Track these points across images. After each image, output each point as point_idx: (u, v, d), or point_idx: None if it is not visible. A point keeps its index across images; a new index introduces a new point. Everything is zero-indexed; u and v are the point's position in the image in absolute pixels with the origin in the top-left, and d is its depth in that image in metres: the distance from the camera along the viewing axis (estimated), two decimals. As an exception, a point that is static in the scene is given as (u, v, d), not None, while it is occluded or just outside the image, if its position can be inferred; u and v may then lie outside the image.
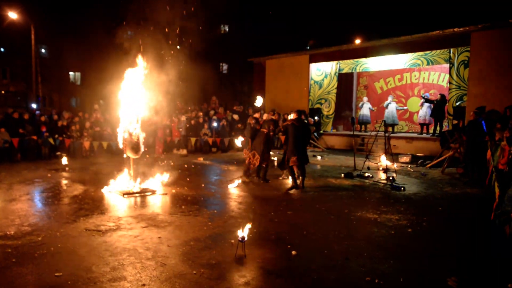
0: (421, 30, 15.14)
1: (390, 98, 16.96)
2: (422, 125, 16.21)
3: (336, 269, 4.50)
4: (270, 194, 8.45)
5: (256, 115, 10.65)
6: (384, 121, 11.30)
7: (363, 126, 18.24)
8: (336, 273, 4.38)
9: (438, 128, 15.01)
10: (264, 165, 9.61)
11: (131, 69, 8.52)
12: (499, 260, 4.89)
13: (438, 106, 14.64)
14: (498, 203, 5.96)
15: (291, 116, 9.41)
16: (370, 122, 18.24)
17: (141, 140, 8.59)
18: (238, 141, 10.84)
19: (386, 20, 29.05)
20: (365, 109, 17.90)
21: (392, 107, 16.72)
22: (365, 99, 18.30)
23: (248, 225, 5.04)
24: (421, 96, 16.03)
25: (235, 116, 17.03)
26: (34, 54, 25.64)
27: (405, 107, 18.12)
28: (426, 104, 15.78)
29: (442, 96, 14.68)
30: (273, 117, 9.94)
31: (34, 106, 26.14)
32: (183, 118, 16.26)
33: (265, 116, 10.75)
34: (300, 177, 9.03)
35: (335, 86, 18.95)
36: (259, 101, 12.44)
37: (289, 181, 9.62)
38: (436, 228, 6.13)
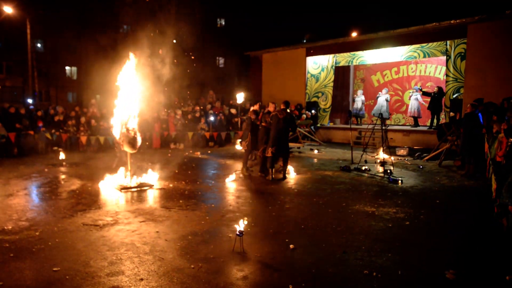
0: (418, 22, 15.09)
1: (383, 91, 16.93)
2: (413, 117, 16.24)
3: (334, 262, 4.51)
4: (267, 188, 8.45)
5: (255, 107, 10.60)
6: (381, 114, 11.28)
7: (359, 119, 18.25)
8: (334, 267, 4.39)
9: (435, 120, 15.03)
10: (261, 158, 9.59)
11: (127, 64, 8.47)
12: (497, 252, 4.91)
13: (435, 99, 14.64)
14: (496, 196, 5.97)
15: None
16: (364, 116, 18.23)
17: (138, 135, 8.55)
18: (238, 146, 10.89)
19: (382, 13, 29.02)
20: (358, 103, 17.87)
21: (381, 100, 16.67)
22: (359, 92, 18.28)
23: (246, 219, 5.04)
24: (419, 89, 15.96)
25: (232, 110, 16.99)
26: (30, 48, 25.51)
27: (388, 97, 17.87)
28: (414, 97, 15.78)
29: (440, 88, 14.68)
30: (270, 109, 9.91)
31: (30, 101, 26.03)
32: (180, 112, 16.22)
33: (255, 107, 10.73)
34: (281, 168, 9.13)
35: (332, 79, 18.93)
36: (240, 97, 12.37)
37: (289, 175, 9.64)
38: (434, 221, 6.15)
